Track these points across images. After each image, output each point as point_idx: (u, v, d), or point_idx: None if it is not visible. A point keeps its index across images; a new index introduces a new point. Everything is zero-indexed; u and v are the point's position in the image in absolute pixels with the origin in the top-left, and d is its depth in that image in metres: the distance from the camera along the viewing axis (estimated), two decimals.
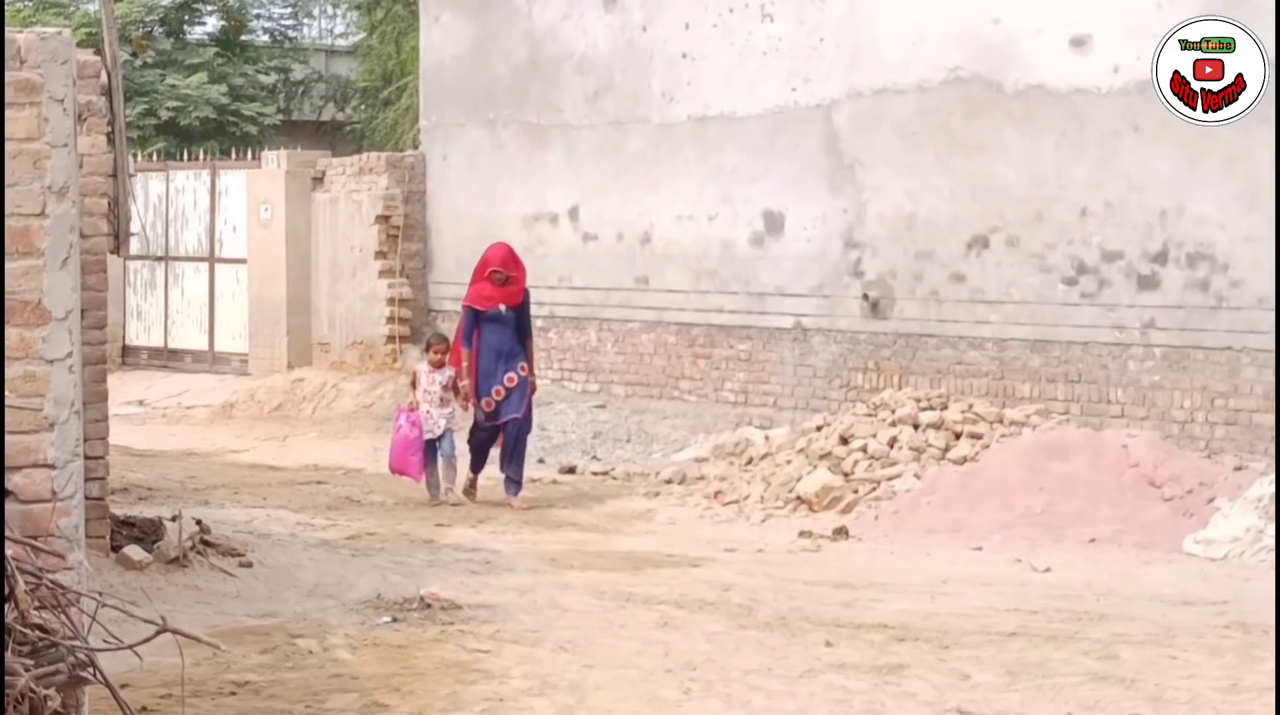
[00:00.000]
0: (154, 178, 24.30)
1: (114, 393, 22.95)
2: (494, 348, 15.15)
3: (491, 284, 15.19)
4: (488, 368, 15.15)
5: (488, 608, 10.36)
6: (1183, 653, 9.43)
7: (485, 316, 15.21)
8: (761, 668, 8.98)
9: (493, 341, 15.16)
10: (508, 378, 15.12)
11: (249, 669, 8.69)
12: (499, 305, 15.20)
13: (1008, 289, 16.10)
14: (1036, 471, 14.07)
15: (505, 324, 15.20)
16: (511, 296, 15.26)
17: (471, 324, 15.30)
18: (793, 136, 17.76)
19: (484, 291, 15.25)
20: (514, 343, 15.23)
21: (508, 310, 15.22)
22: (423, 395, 15.24)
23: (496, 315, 15.21)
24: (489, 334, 15.18)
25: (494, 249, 15.60)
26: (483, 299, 15.25)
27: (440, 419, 15.19)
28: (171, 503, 14.64)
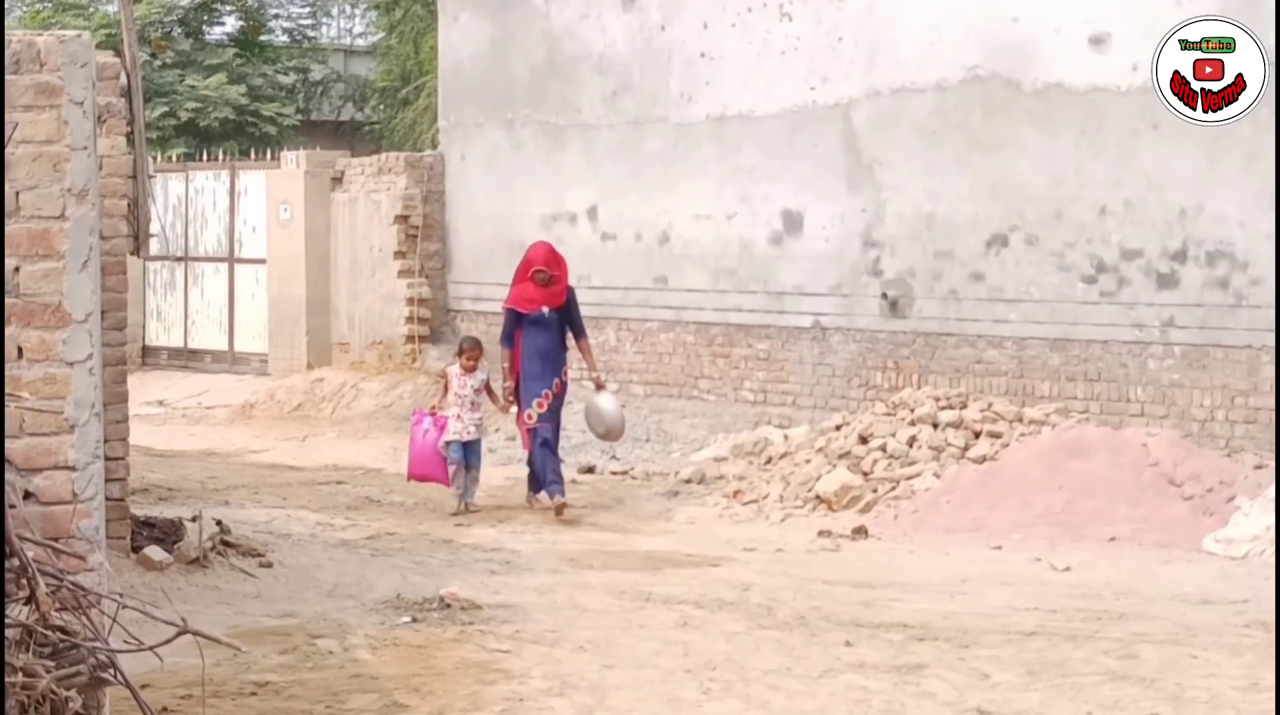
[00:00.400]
0: (173, 178, 24.36)
1: (134, 393, 23.02)
2: (538, 351, 14.71)
3: (534, 285, 14.71)
4: (531, 371, 14.70)
5: (507, 608, 10.38)
6: (1203, 652, 9.42)
7: (527, 319, 14.74)
8: (781, 667, 8.99)
9: (536, 345, 14.72)
10: (555, 383, 14.77)
11: (269, 669, 8.71)
12: (541, 307, 14.73)
13: (1027, 288, 16.08)
14: (1056, 470, 14.06)
15: (548, 327, 14.75)
16: (554, 297, 14.76)
17: (513, 326, 14.84)
18: (811, 136, 17.75)
19: (526, 293, 14.78)
20: (558, 346, 14.81)
21: (551, 312, 14.76)
22: (454, 398, 14.87)
23: (539, 317, 14.73)
24: (532, 337, 14.73)
25: (535, 248, 15.19)
26: (524, 301, 14.78)
27: (470, 424, 14.82)
28: (192, 503, 14.67)
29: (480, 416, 14.99)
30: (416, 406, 15.94)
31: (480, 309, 21.16)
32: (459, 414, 14.79)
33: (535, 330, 14.70)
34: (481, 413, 14.97)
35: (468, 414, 14.80)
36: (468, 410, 14.80)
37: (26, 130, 5.84)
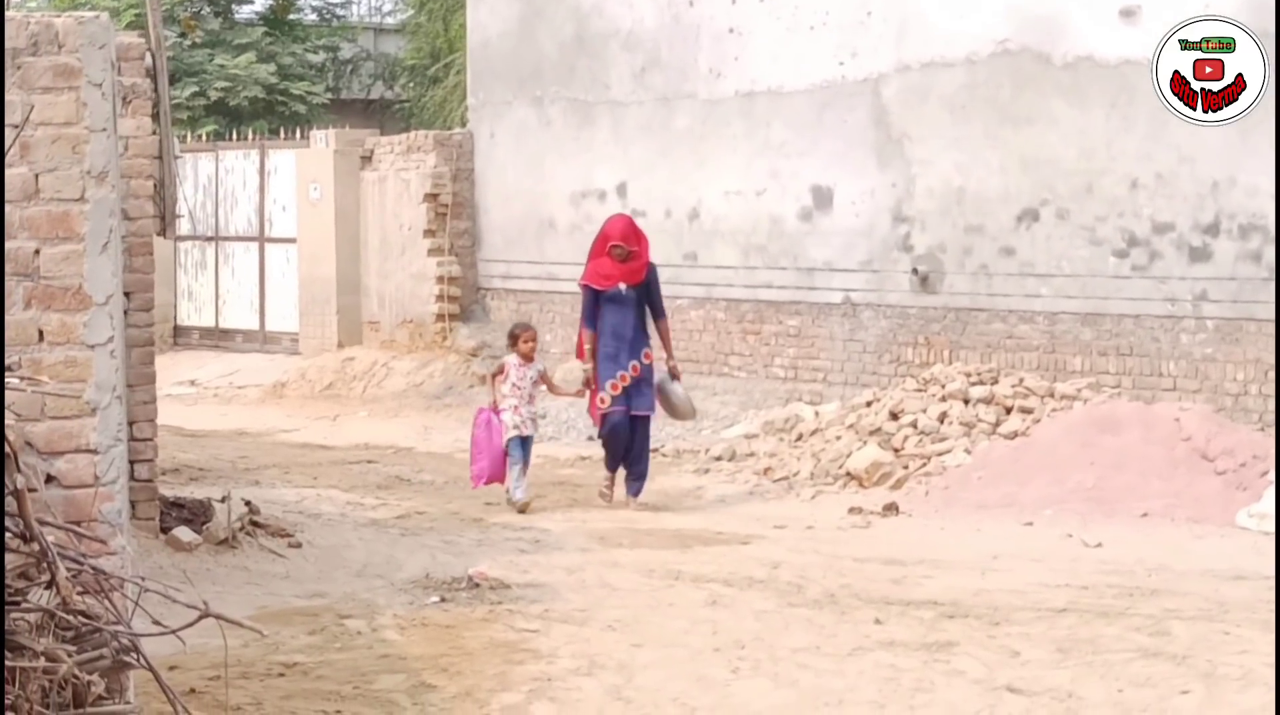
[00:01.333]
0: (203, 158, 24.36)
1: (166, 373, 23.20)
2: (614, 331, 13.81)
3: (611, 260, 13.85)
4: (606, 352, 13.81)
5: (536, 587, 10.35)
6: (1235, 628, 9.34)
7: (603, 296, 13.87)
8: (810, 646, 8.94)
9: (612, 324, 13.82)
10: (632, 366, 13.79)
11: (297, 650, 8.70)
12: (619, 283, 13.83)
13: (1058, 262, 16.00)
14: (1088, 446, 13.98)
15: (626, 305, 13.82)
16: (633, 273, 13.86)
17: (591, 305, 13.97)
18: (841, 111, 17.67)
19: (602, 268, 13.92)
20: (637, 326, 13.86)
21: (629, 289, 13.83)
22: (511, 390, 13.84)
23: (616, 295, 13.84)
24: (608, 316, 13.84)
25: (613, 221, 14.35)
26: (600, 277, 13.92)
27: (528, 418, 13.89)
28: (223, 483, 14.69)
29: (535, 410, 14.26)
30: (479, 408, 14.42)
31: (510, 287, 21.15)
32: (516, 406, 13.83)
33: (611, 308, 13.85)
34: (538, 406, 14.37)
35: (525, 407, 13.87)
36: (525, 403, 13.88)
37: (45, 112, 5.82)
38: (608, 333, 13.82)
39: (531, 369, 13.94)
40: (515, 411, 13.79)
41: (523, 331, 14.14)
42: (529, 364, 13.94)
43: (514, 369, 13.92)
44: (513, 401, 13.80)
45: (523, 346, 13.96)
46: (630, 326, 13.83)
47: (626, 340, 13.79)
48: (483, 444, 13.83)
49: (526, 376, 13.90)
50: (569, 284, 20.34)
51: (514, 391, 13.84)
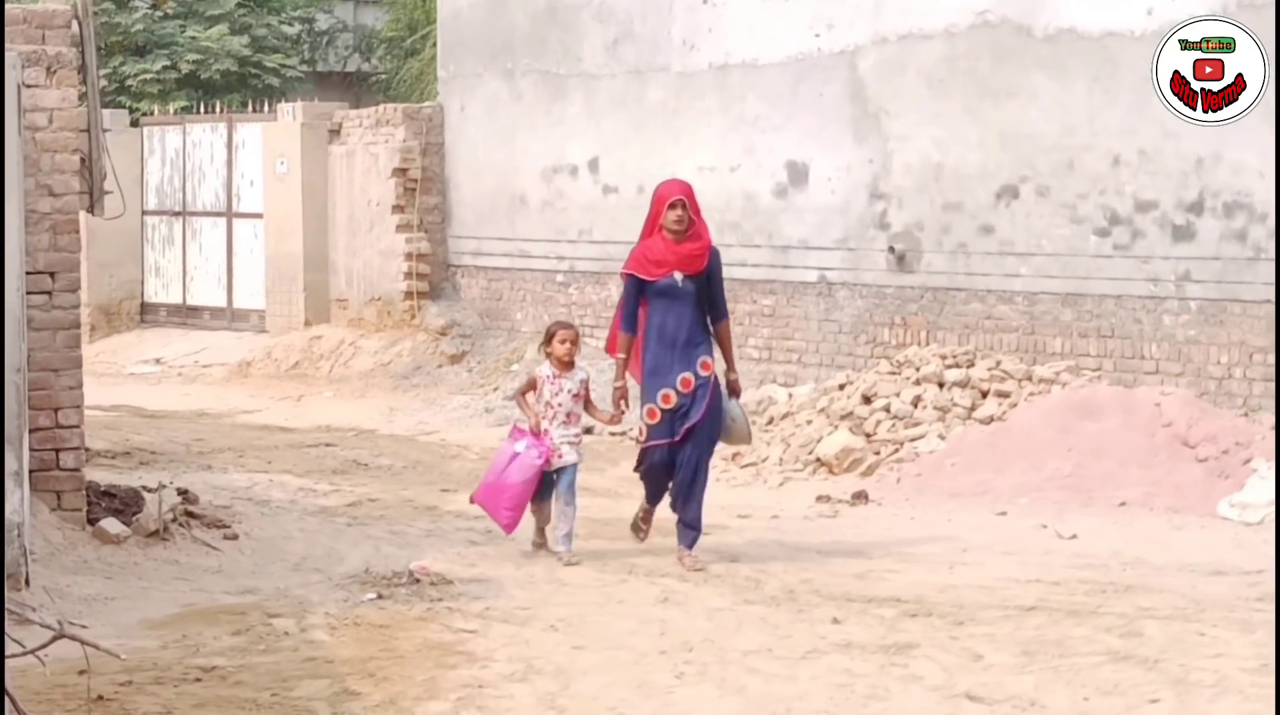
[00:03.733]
0: (170, 131, 23.83)
1: (131, 351, 22.79)
2: (665, 334, 10.50)
3: (664, 241, 10.51)
4: (656, 363, 10.51)
5: (481, 582, 9.91)
6: (1211, 629, 8.91)
7: (652, 289, 10.54)
8: (762, 648, 8.51)
9: (664, 325, 10.52)
10: (682, 380, 10.45)
11: (219, 652, 8.24)
12: (673, 272, 10.49)
13: (1038, 241, 15.51)
14: (1066, 431, 13.53)
15: (682, 300, 10.51)
16: (691, 259, 10.51)
17: (634, 300, 10.62)
18: (816, 84, 17.17)
19: (652, 251, 10.55)
20: (694, 328, 10.54)
21: (685, 280, 10.49)
22: (543, 409, 10.70)
23: (670, 287, 10.50)
24: (658, 314, 10.54)
25: (667, 184, 10.91)
26: (649, 264, 10.54)
27: (563, 444, 10.68)
28: (174, 467, 14.27)
29: (578, 433, 10.91)
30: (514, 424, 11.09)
31: (481, 264, 20.65)
32: (547, 429, 10.71)
33: (661, 305, 10.52)
34: (579, 426, 10.92)
35: (560, 430, 10.71)
36: (560, 425, 10.72)
37: None
38: (654, 337, 10.53)
39: (571, 380, 10.74)
40: (546, 438, 10.70)
41: (559, 329, 10.88)
42: (567, 373, 10.75)
43: (547, 383, 10.73)
44: (544, 424, 10.72)
45: (558, 348, 10.75)
46: (686, 328, 10.51)
47: (679, 346, 10.48)
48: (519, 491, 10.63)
49: (564, 390, 10.72)
50: (541, 261, 19.93)
51: (546, 410, 10.72)
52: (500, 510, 10.65)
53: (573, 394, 10.73)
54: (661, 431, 10.53)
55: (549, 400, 10.70)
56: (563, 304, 19.61)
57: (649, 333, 10.57)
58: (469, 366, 19.93)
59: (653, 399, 10.51)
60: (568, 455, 10.68)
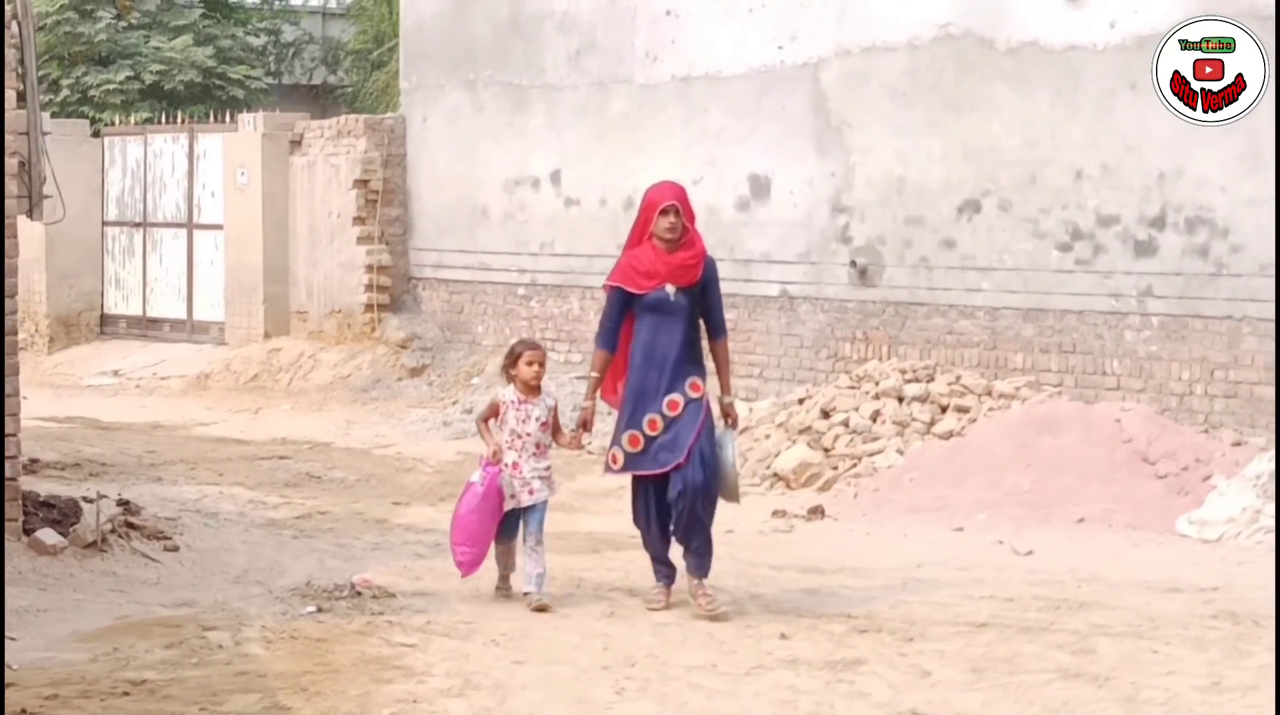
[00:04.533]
0: (131, 142, 23.61)
1: (90, 363, 22.57)
2: (654, 353, 9.43)
3: (654, 250, 9.44)
4: (642, 384, 9.43)
5: (425, 596, 9.73)
6: (1164, 646, 8.76)
7: (641, 303, 9.46)
8: (706, 664, 8.35)
9: (652, 343, 9.43)
10: (669, 402, 9.41)
11: (149, 665, 8.05)
12: (663, 285, 9.43)
13: (1000, 255, 15.38)
14: (1025, 447, 13.40)
15: (672, 316, 9.43)
16: (684, 271, 9.46)
17: (618, 315, 9.54)
18: (779, 97, 17.03)
19: (641, 261, 9.48)
20: (685, 347, 9.47)
21: (678, 293, 9.44)
22: (509, 439, 9.57)
23: (660, 301, 9.42)
24: (646, 331, 9.46)
25: (658, 187, 9.71)
26: (637, 275, 9.47)
27: (534, 479, 9.58)
28: (124, 479, 14.09)
29: (549, 465, 9.73)
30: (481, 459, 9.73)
31: (442, 277, 20.47)
32: (515, 463, 9.57)
33: (651, 320, 9.43)
34: (549, 458, 9.73)
35: (531, 462, 9.59)
36: (529, 456, 9.59)
37: None
38: (640, 356, 9.47)
39: (538, 406, 9.62)
40: (514, 471, 9.55)
41: (525, 350, 9.71)
42: (533, 399, 9.61)
43: (512, 410, 9.60)
44: (511, 456, 9.56)
45: (525, 371, 9.58)
46: (677, 347, 9.43)
47: (668, 367, 9.41)
48: (468, 522, 9.57)
49: (532, 418, 9.59)
50: (502, 274, 19.76)
51: (512, 440, 9.58)
52: (454, 547, 9.62)
53: (541, 422, 9.56)
54: (645, 461, 9.41)
55: (515, 428, 9.53)
56: (524, 317, 19.45)
57: (635, 351, 9.48)
58: (429, 380, 19.74)
59: (637, 425, 9.39)
60: (539, 491, 9.57)
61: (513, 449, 9.54)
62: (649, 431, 9.40)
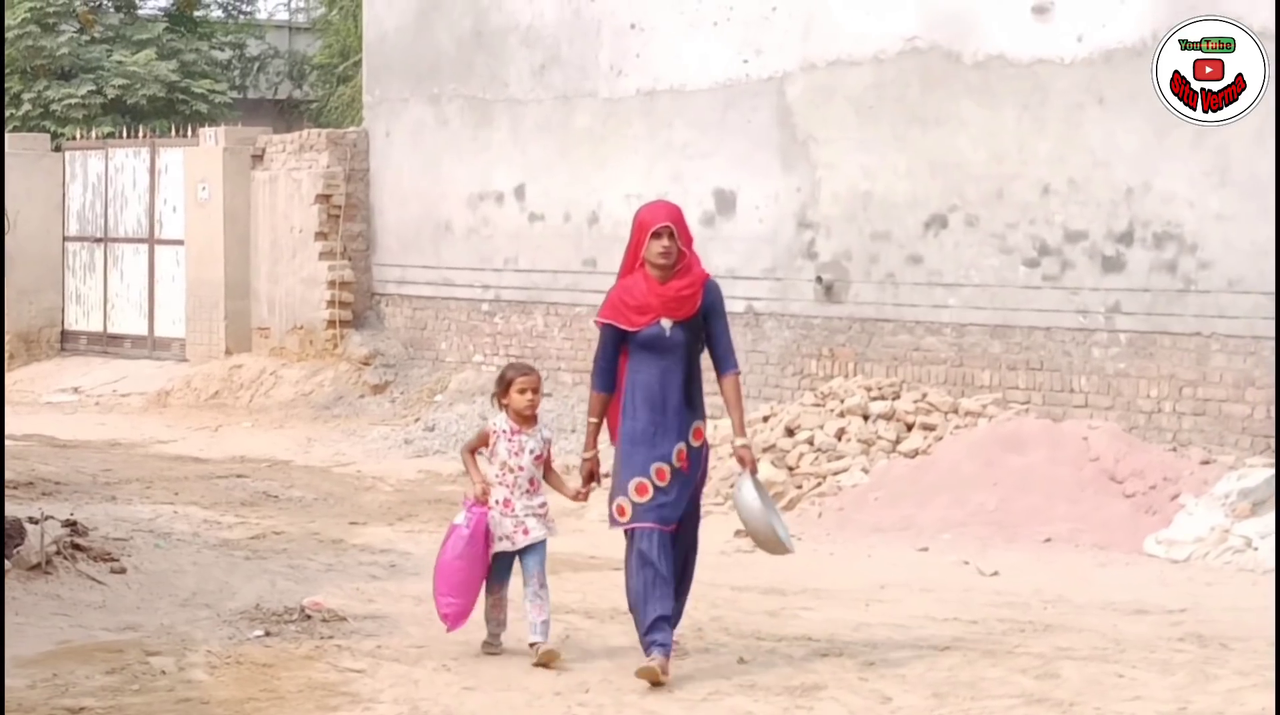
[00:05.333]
0: (92, 156, 23.38)
1: (49, 380, 22.32)
2: (653, 395, 8.36)
3: (647, 279, 8.34)
4: (643, 430, 8.37)
5: (376, 619, 9.51)
6: (1130, 670, 8.58)
7: (635, 340, 8.38)
8: (661, 689, 8.12)
9: (650, 384, 8.36)
10: (677, 452, 8.38)
11: (88, 692, 7.83)
12: (658, 319, 8.33)
13: (967, 271, 15.22)
14: (991, 465, 13.24)
15: (672, 352, 8.35)
16: (679, 303, 8.34)
17: (612, 353, 8.48)
18: (744, 111, 16.86)
19: (633, 294, 8.38)
20: (686, 387, 8.41)
21: (674, 328, 8.34)
22: (500, 472, 8.60)
23: (655, 338, 8.35)
24: (643, 370, 8.38)
25: (650, 209, 8.57)
26: (628, 309, 8.39)
27: (528, 517, 8.60)
28: (77, 498, 13.85)
29: (544, 501, 8.72)
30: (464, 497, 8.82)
31: (405, 293, 20.27)
32: (507, 500, 8.60)
33: (646, 359, 8.37)
34: (544, 494, 8.74)
35: (524, 500, 8.62)
36: (521, 494, 8.62)
37: None
38: (639, 399, 8.39)
39: (533, 437, 8.65)
40: (505, 509, 8.58)
41: (517, 376, 8.73)
42: (528, 429, 8.66)
43: (503, 440, 8.62)
44: (502, 492, 8.60)
45: (518, 399, 8.63)
46: (678, 388, 8.39)
47: (670, 410, 8.39)
48: (453, 570, 8.55)
49: (526, 450, 8.62)
50: (466, 289, 19.56)
51: (504, 474, 8.62)
52: (438, 598, 8.57)
53: (535, 455, 8.60)
54: (650, 513, 8.28)
55: (506, 461, 8.55)
56: (488, 333, 19.27)
57: (631, 393, 8.37)
58: (392, 397, 19.54)
59: (644, 472, 8.29)
60: (534, 530, 8.58)
61: (503, 484, 8.56)
62: (657, 481, 8.30)
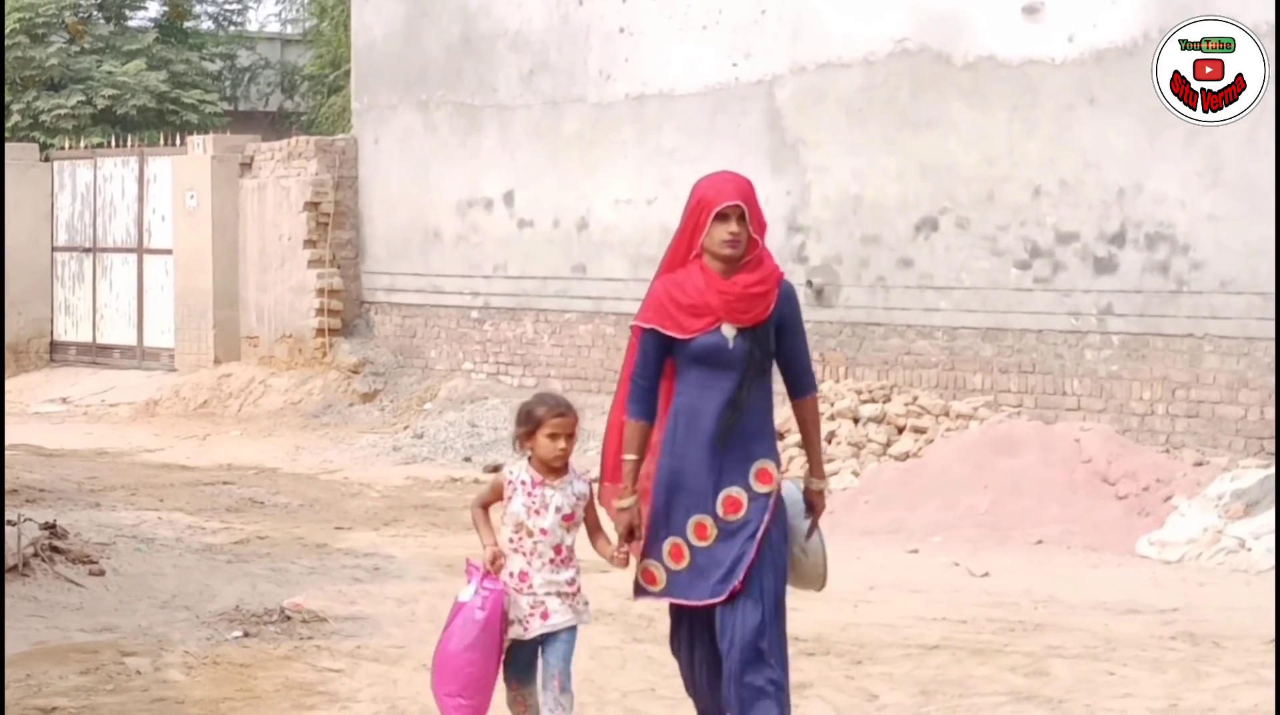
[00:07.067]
0: (81, 166, 23.26)
1: (38, 390, 22.19)
2: (700, 423, 6.32)
3: (706, 275, 6.31)
4: (683, 469, 6.32)
5: (357, 620, 9.40)
6: (1121, 668, 8.48)
7: (688, 352, 6.33)
8: (645, 688, 8.05)
9: (699, 410, 6.32)
10: (726, 500, 6.32)
11: (62, 692, 7.73)
12: (718, 324, 6.31)
13: (958, 274, 15.11)
14: (982, 468, 13.12)
15: (731, 368, 6.31)
16: (747, 303, 6.33)
17: (655, 369, 6.38)
18: (734, 115, 16.76)
19: (685, 291, 6.33)
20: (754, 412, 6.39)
21: (739, 336, 6.31)
22: (515, 537, 6.44)
23: (714, 348, 6.32)
24: (692, 391, 6.34)
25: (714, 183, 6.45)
26: (679, 311, 6.33)
27: (549, 596, 6.46)
28: (61, 505, 13.72)
29: (574, 577, 6.53)
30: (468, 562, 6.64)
31: (394, 301, 20.14)
32: (523, 571, 6.44)
33: (699, 377, 6.33)
34: (576, 567, 6.55)
35: (543, 572, 6.45)
36: (544, 565, 6.44)
37: None
38: (682, 426, 6.33)
39: (561, 491, 6.45)
40: (521, 583, 6.44)
41: (550, 416, 6.44)
42: (554, 481, 6.46)
43: (521, 494, 6.46)
44: (518, 562, 6.45)
45: (545, 446, 6.43)
46: (737, 414, 6.34)
47: (728, 444, 6.33)
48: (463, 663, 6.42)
49: (550, 508, 6.45)
50: (455, 297, 19.43)
51: (520, 539, 6.45)
52: (442, 698, 6.48)
53: (563, 515, 6.42)
54: (688, 583, 6.37)
55: (524, 522, 6.41)
56: (478, 341, 19.15)
57: (674, 422, 6.34)
58: (381, 405, 19.41)
59: (679, 529, 6.34)
60: (556, 614, 6.45)
61: (519, 552, 6.41)
62: (695, 540, 6.33)
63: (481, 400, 18.32)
